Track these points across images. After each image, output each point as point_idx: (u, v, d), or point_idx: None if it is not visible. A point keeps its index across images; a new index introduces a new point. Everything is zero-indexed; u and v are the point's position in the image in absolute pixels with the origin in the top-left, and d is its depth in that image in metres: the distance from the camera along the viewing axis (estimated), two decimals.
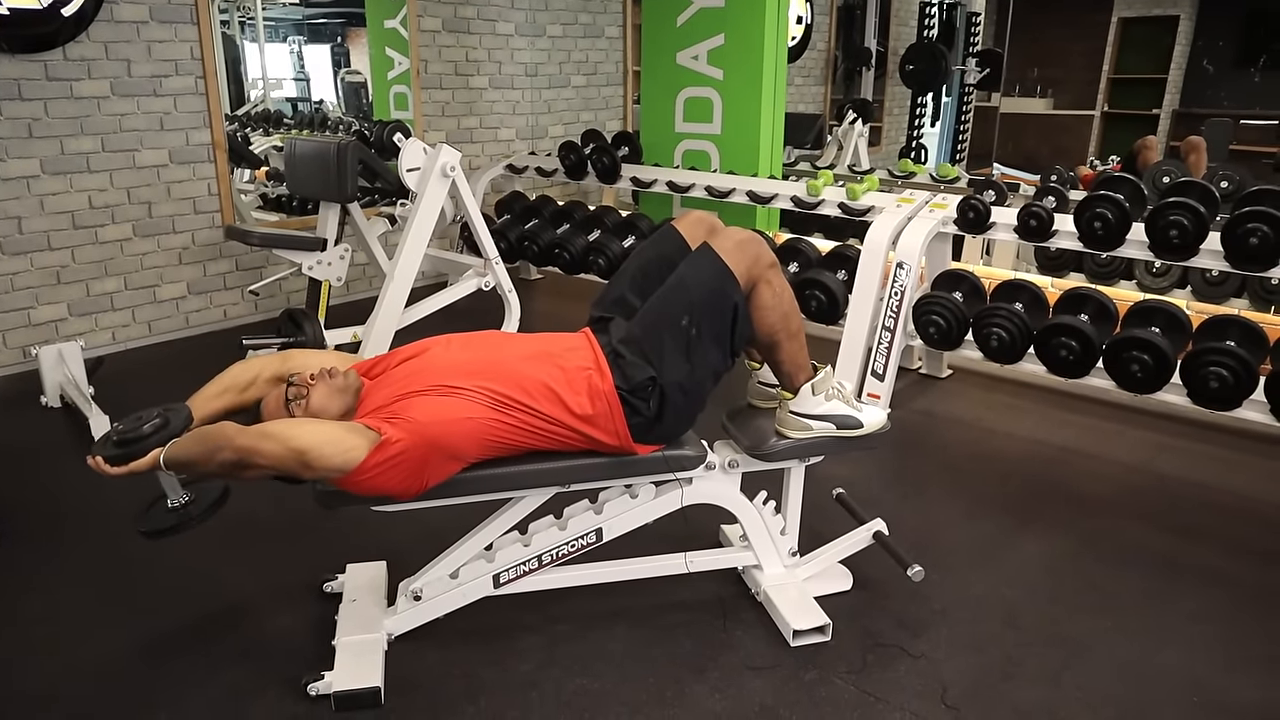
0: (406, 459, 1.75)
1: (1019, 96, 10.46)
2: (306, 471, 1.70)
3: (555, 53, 5.85)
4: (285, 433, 1.70)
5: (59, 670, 2.03)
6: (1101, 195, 3.13)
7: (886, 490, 2.90)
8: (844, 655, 2.07)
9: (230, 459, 1.67)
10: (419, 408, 1.79)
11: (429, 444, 1.77)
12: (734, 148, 4.70)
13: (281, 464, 1.68)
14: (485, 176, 5.30)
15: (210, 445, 1.70)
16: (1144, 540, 2.60)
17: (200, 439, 1.73)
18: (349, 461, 1.71)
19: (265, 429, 1.72)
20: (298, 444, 1.68)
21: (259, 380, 2.01)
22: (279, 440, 1.68)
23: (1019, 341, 3.19)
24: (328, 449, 1.69)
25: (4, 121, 3.65)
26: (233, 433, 1.70)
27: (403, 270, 3.74)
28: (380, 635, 2.05)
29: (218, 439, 1.70)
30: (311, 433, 1.71)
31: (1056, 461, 3.12)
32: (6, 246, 3.75)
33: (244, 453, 1.67)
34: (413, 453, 1.75)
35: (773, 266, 1.92)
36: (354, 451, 1.71)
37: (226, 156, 4.33)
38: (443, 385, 1.82)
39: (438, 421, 1.78)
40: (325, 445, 1.70)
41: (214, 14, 4.28)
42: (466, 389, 1.82)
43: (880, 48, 8.23)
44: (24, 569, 2.43)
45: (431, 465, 1.80)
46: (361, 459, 1.71)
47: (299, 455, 1.67)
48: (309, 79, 6.09)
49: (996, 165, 7.76)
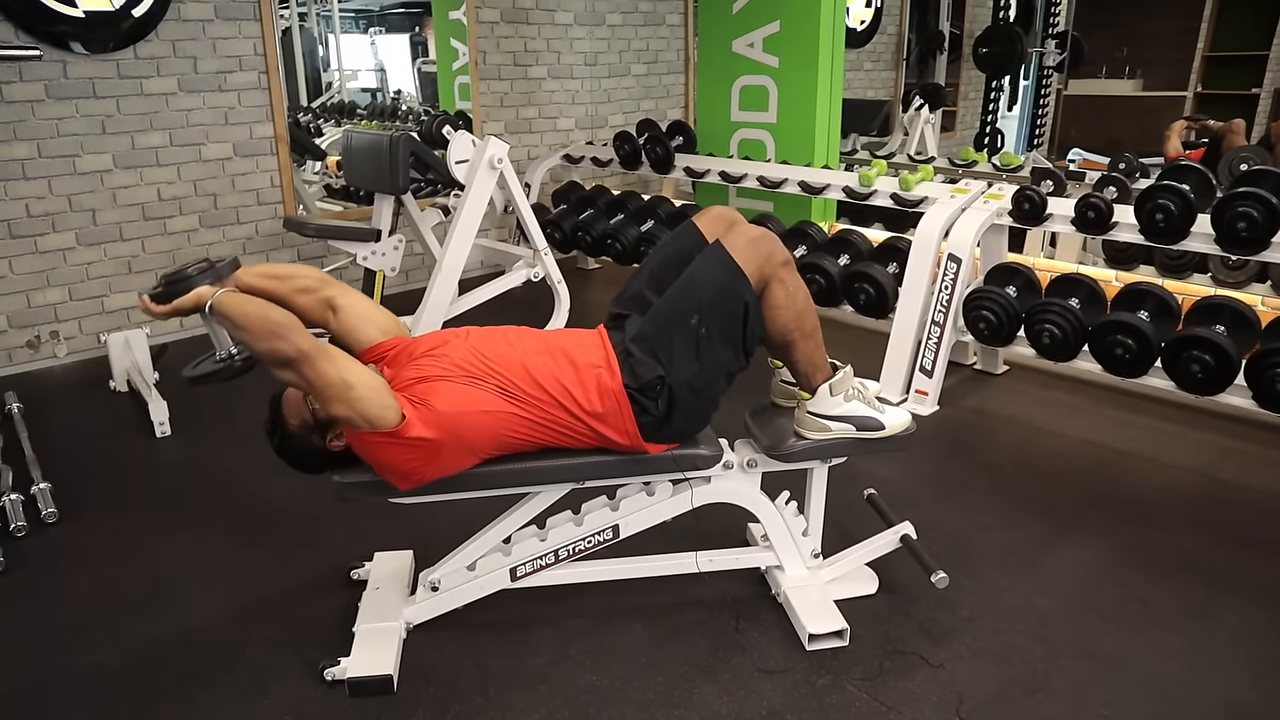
0: (423, 445, 1.79)
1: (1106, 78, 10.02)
2: (339, 404, 1.73)
3: (615, 41, 5.83)
4: (345, 363, 1.76)
5: (99, 643, 2.13)
6: (1164, 185, 2.97)
7: (925, 491, 2.83)
8: (860, 661, 2.03)
9: (285, 350, 1.69)
10: (440, 395, 1.81)
11: (448, 433, 1.80)
12: (789, 137, 4.63)
13: (327, 384, 1.72)
14: (542, 167, 5.33)
15: (272, 325, 1.71)
16: (1195, 551, 2.47)
17: (264, 313, 1.73)
18: (378, 418, 1.75)
19: (330, 349, 1.77)
20: (350, 377, 1.74)
21: (315, 293, 2.00)
22: (336, 365, 1.74)
23: (1072, 339, 3.06)
24: (372, 395, 1.75)
25: (80, 119, 3.83)
26: (300, 329, 1.72)
27: (450, 261, 3.79)
28: (399, 624, 2.10)
29: (284, 324, 1.71)
30: (364, 376, 1.77)
31: (1109, 464, 2.99)
32: (82, 238, 3.94)
33: (303, 355, 1.69)
34: (429, 443, 1.79)
35: (786, 265, 1.88)
36: (389, 412, 1.76)
37: (288, 149, 4.45)
38: (465, 374, 1.84)
39: (458, 413, 1.81)
40: (371, 393, 1.75)
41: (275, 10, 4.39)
42: (486, 381, 1.84)
43: (955, 30, 7.97)
44: (76, 547, 2.55)
45: (445, 455, 1.83)
46: (390, 423, 1.76)
47: (347, 387, 1.72)
48: (384, 70, 6.21)
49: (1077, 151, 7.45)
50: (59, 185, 3.83)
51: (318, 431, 1.91)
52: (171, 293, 1.82)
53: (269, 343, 1.70)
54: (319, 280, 2.03)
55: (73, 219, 3.90)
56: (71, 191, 3.87)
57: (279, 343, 1.70)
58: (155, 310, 1.82)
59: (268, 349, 1.71)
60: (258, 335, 1.71)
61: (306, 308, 1.97)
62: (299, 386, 1.79)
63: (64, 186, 3.85)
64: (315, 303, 1.99)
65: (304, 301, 1.97)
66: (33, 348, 3.89)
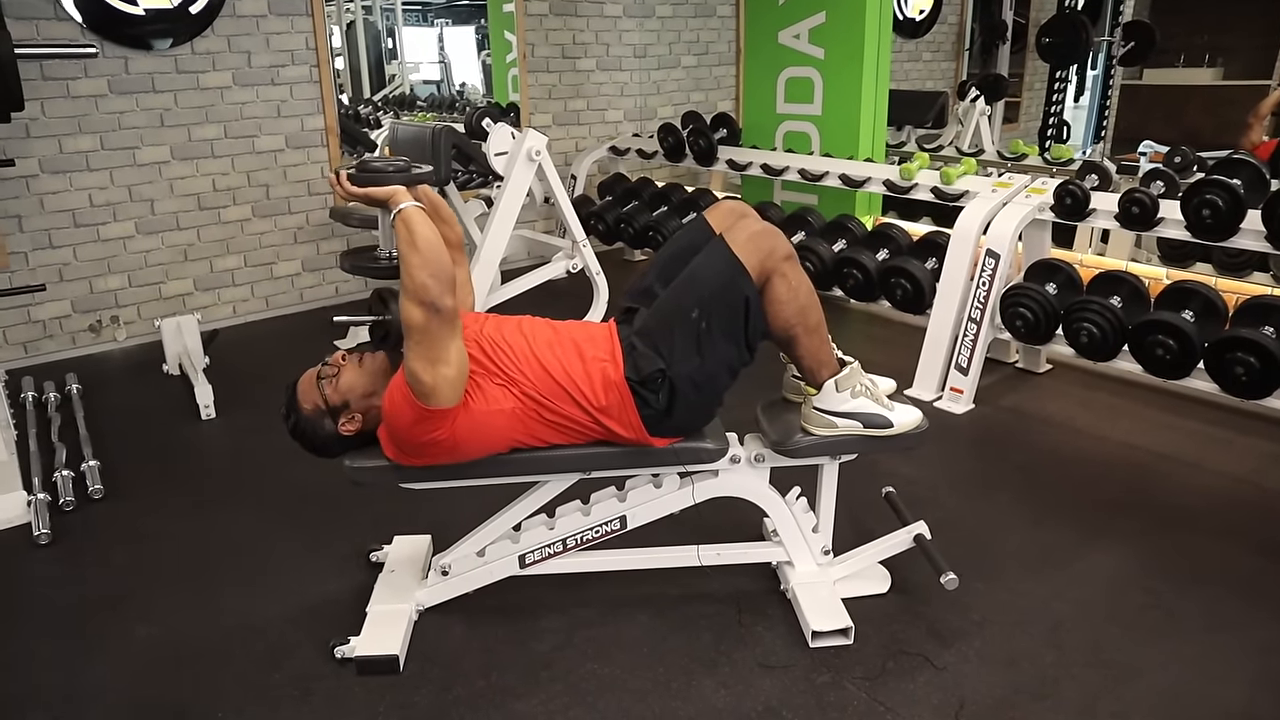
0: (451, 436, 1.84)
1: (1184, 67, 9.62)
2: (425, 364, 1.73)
3: (665, 33, 5.83)
4: (459, 342, 1.78)
5: (129, 614, 2.24)
6: (1213, 180, 2.86)
7: (951, 490, 2.78)
8: (863, 660, 2.01)
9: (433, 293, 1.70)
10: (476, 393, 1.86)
11: (472, 429, 1.85)
12: (834, 129, 4.57)
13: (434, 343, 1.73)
14: (588, 159, 5.36)
15: (440, 265, 1.73)
16: (1228, 559, 2.38)
17: (440, 251, 1.75)
18: (443, 398, 1.77)
19: (459, 325, 1.79)
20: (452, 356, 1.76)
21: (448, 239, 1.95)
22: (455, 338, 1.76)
23: (1111, 338, 2.97)
24: (454, 378, 1.77)
25: (140, 112, 3.99)
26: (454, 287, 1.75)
27: (488, 252, 3.85)
28: (410, 606, 2.15)
29: (448, 273, 1.74)
30: (463, 363, 1.79)
31: (1147, 468, 2.89)
32: (141, 226, 4.11)
33: (444, 309, 1.71)
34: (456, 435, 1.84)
35: (788, 259, 1.87)
36: (453, 395, 1.78)
37: (338, 140, 4.57)
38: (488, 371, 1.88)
39: (485, 411, 1.85)
40: (456, 375, 1.77)
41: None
42: (495, 374, 1.88)
43: (1020, 19, 7.74)
44: (118, 522, 2.67)
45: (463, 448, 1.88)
46: (445, 403, 1.78)
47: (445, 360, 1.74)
48: (448, 62, 6.29)
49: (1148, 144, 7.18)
50: (120, 176, 4.00)
51: (330, 416, 1.96)
52: (368, 179, 1.85)
53: (427, 276, 1.71)
54: (458, 239, 2.09)
55: (132, 208, 4.06)
56: (131, 182, 4.03)
57: (434, 284, 1.71)
58: (348, 190, 1.84)
59: (421, 281, 1.71)
60: (424, 264, 1.72)
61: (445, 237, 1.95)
62: (410, 324, 1.75)
63: (124, 177, 4.01)
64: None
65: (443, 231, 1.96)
66: (94, 331, 4.08)
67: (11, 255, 3.83)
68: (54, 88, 3.77)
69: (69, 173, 3.88)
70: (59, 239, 3.92)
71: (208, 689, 1.98)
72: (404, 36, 6.26)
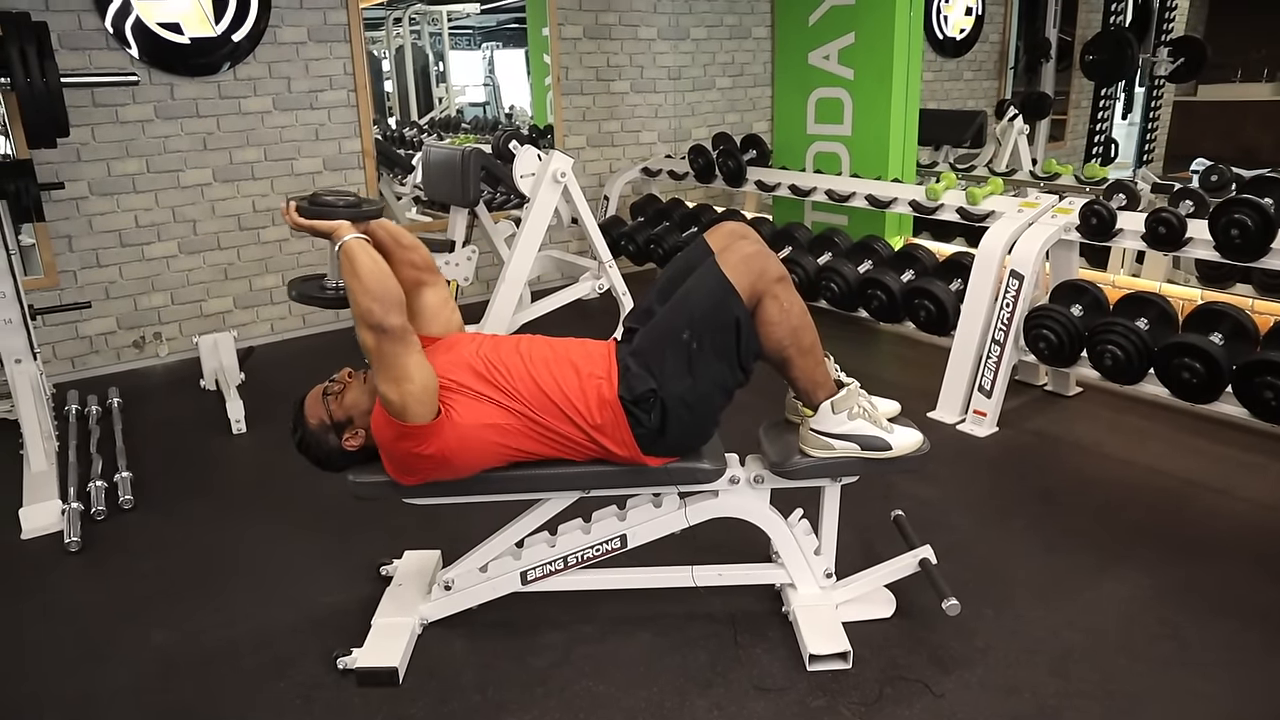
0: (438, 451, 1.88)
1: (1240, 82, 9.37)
2: (392, 385, 1.79)
3: (699, 55, 5.87)
4: (418, 357, 1.83)
5: (150, 620, 2.31)
6: (1242, 199, 2.79)
7: (967, 514, 2.74)
8: (860, 685, 1.99)
9: (378, 316, 1.77)
10: (460, 407, 1.89)
11: (459, 444, 1.88)
12: (864, 149, 4.56)
13: (393, 364, 1.79)
14: (621, 180, 5.41)
15: (383, 289, 1.79)
16: (1250, 590, 2.31)
17: (382, 277, 1.81)
18: (416, 414, 1.82)
19: (413, 339, 1.84)
20: (414, 371, 1.81)
21: (413, 262, 2.08)
22: (411, 355, 1.81)
23: (1136, 361, 2.90)
24: (420, 393, 1.81)
25: (184, 136, 4.15)
26: (402, 308, 1.81)
27: (514, 272, 3.91)
28: (413, 619, 2.19)
29: (391, 296, 1.80)
30: (427, 376, 1.83)
31: (1174, 494, 2.81)
32: (184, 246, 4.26)
33: (392, 329, 1.78)
34: (443, 450, 1.88)
35: (779, 281, 1.87)
36: (426, 411, 1.83)
37: (375, 163, 4.68)
38: (474, 391, 1.91)
39: (471, 424, 1.88)
40: (422, 391, 1.82)
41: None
42: (488, 391, 1.91)
43: (1066, 36, 7.64)
44: (146, 532, 2.76)
45: (453, 463, 1.91)
46: (420, 420, 1.83)
47: (407, 377, 1.79)
48: (498, 84, 6.40)
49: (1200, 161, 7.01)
50: (164, 198, 4.15)
51: (334, 431, 2.02)
52: (317, 211, 1.91)
53: (370, 301, 1.78)
54: (426, 262, 2.13)
55: (176, 229, 4.22)
56: (175, 204, 4.19)
57: (377, 306, 1.78)
58: (295, 220, 1.91)
59: (365, 306, 1.78)
60: (365, 290, 1.79)
61: (403, 276, 2.02)
62: (365, 348, 1.83)
63: (169, 199, 4.17)
64: (412, 277, 2.08)
65: (406, 272, 2.06)
66: (138, 347, 4.22)
67: (61, 274, 4.00)
68: (103, 113, 3.94)
69: (116, 194, 4.05)
70: (106, 258, 4.08)
71: (214, 695, 2.04)
72: (452, 60, 6.42)
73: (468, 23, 6.43)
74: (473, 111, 6.49)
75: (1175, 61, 6.75)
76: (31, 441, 3.04)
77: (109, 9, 3.85)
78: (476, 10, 6.40)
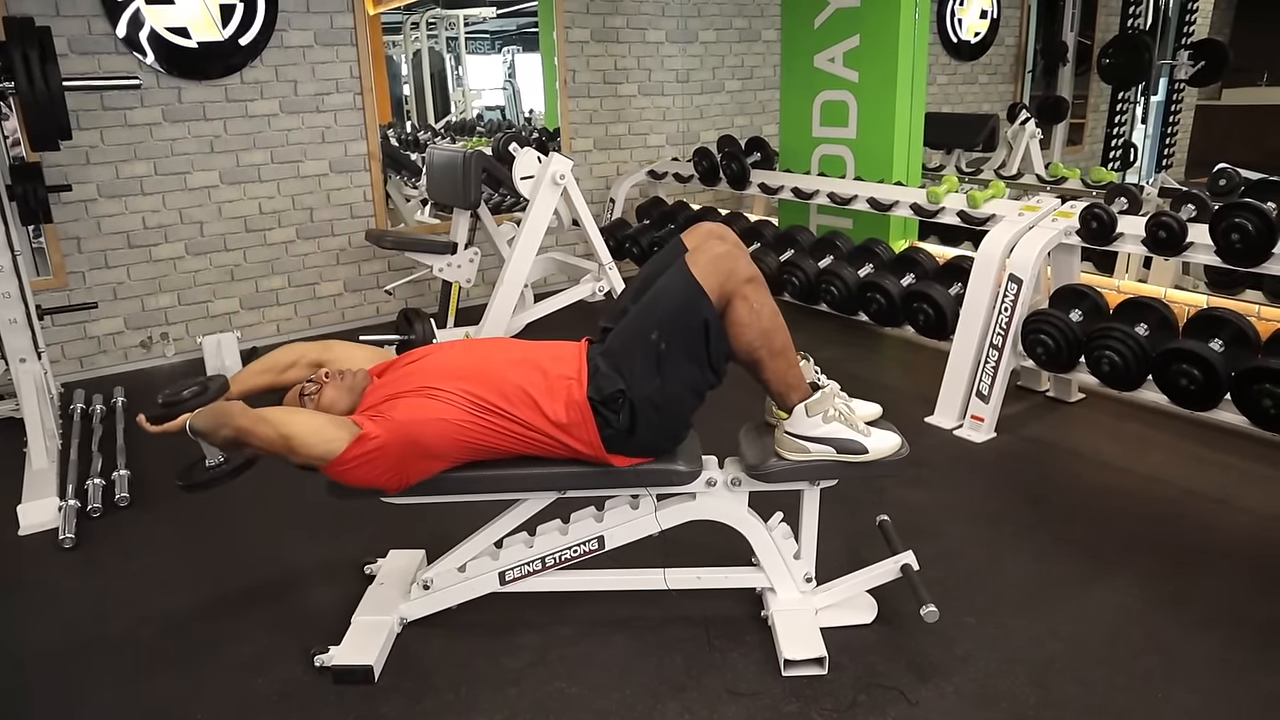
0: (384, 454, 1.87)
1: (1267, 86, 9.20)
2: (293, 455, 1.85)
3: (708, 58, 5.86)
4: (279, 419, 1.86)
5: (136, 615, 2.34)
6: (1242, 203, 2.74)
7: (957, 520, 2.70)
8: (835, 692, 1.97)
9: (230, 435, 1.85)
10: (400, 407, 1.90)
11: (405, 441, 1.88)
12: (869, 152, 4.52)
13: (272, 446, 1.84)
14: (627, 182, 5.42)
15: (217, 420, 1.86)
16: (1244, 605, 2.25)
17: (213, 413, 1.89)
18: (329, 451, 1.84)
19: (263, 414, 1.88)
20: (286, 430, 1.83)
21: (299, 364, 2.18)
22: (272, 425, 1.85)
23: (1134, 367, 2.86)
24: (312, 438, 1.84)
25: (191, 139, 4.20)
26: (236, 412, 1.86)
27: (513, 274, 3.92)
28: (392, 618, 2.19)
29: (223, 416, 1.86)
30: (301, 423, 1.86)
31: (1172, 504, 2.76)
32: (191, 248, 4.31)
33: (241, 432, 1.84)
34: (390, 449, 1.87)
35: (750, 282, 1.86)
36: (335, 443, 1.84)
37: (380, 165, 4.71)
38: (427, 387, 1.93)
39: (414, 420, 1.88)
40: (310, 435, 1.84)
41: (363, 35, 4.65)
42: (448, 391, 1.91)
43: (1084, 40, 7.54)
44: (138, 529, 2.80)
45: (409, 462, 1.90)
46: (340, 450, 1.84)
47: (286, 440, 1.83)
48: (516, 88, 6.42)
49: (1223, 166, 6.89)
50: (171, 200, 4.21)
51: None
52: (165, 415, 1.94)
53: (220, 435, 1.85)
54: (299, 351, 2.21)
55: (183, 230, 4.27)
56: (182, 205, 4.24)
57: (223, 431, 1.84)
58: (149, 430, 1.95)
59: (221, 440, 1.87)
60: (213, 434, 1.86)
61: (299, 378, 2.14)
62: (263, 455, 1.93)
63: (176, 201, 4.22)
64: (303, 369, 2.17)
65: (293, 375, 2.16)
66: (145, 347, 4.28)
67: (70, 274, 4.06)
68: (112, 117, 4.00)
69: (124, 196, 4.10)
70: (114, 259, 4.14)
71: (191, 691, 2.05)
72: (469, 64, 6.45)
73: (484, 27, 6.46)
74: (489, 115, 6.52)
75: (1195, 65, 6.63)
76: (34, 439, 3.09)
77: (121, 16, 3.90)
78: (493, 15, 6.43)
